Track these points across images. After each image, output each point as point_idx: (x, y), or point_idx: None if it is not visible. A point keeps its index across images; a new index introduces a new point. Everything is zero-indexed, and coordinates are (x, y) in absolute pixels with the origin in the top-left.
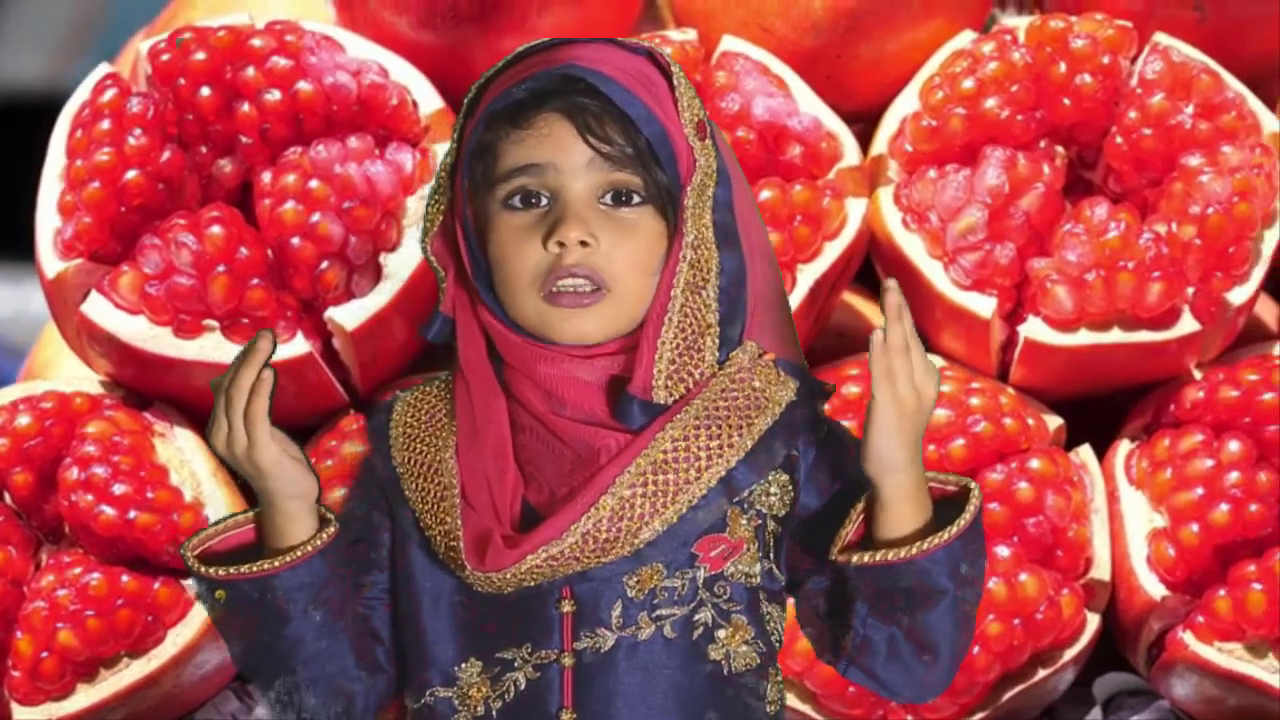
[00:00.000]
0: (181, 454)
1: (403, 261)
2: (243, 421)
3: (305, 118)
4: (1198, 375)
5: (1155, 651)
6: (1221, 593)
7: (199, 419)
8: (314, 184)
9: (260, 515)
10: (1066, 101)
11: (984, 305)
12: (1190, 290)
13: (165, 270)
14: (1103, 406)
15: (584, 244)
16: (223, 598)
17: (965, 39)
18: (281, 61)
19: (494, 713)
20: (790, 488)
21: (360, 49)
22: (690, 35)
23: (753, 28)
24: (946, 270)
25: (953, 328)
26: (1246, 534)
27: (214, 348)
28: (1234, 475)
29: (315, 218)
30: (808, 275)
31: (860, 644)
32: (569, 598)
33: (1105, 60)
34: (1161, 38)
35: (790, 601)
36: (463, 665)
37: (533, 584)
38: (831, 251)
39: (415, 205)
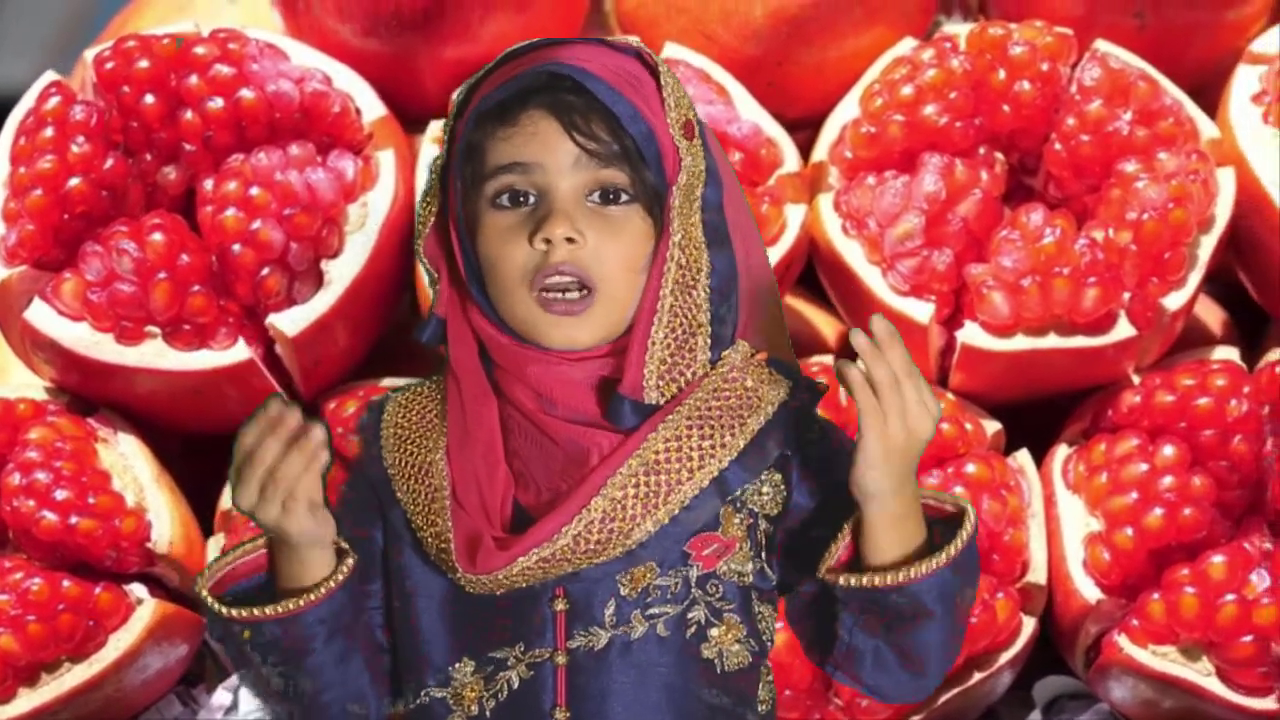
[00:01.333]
0: (124, 460)
1: (344, 268)
2: (281, 500)
3: (248, 125)
4: (1135, 380)
5: (1092, 655)
6: (1155, 596)
7: (142, 424)
8: (255, 191)
9: (274, 552)
10: (1006, 108)
11: (922, 311)
12: (1126, 296)
13: (107, 277)
14: (1043, 411)
15: (570, 240)
16: (248, 637)
17: (906, 46)
18: (224, 69)
19: (488, 712)
20: (783, 487)
21: (304, 57)
22: (633, 42)
23: (695, 35)
24: (885, 276)
25: None
26: (1181, 538)
27: (156, 354)
28: (1168, 479)
29: (256, 225)
30: None
31: (846, 652)
32: (562, 596)
33: (1044, 67)
34: (1102, 44)
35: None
36: (456, 665)
37: (524, 585)
38: (770, 257)
39: (357, 212)
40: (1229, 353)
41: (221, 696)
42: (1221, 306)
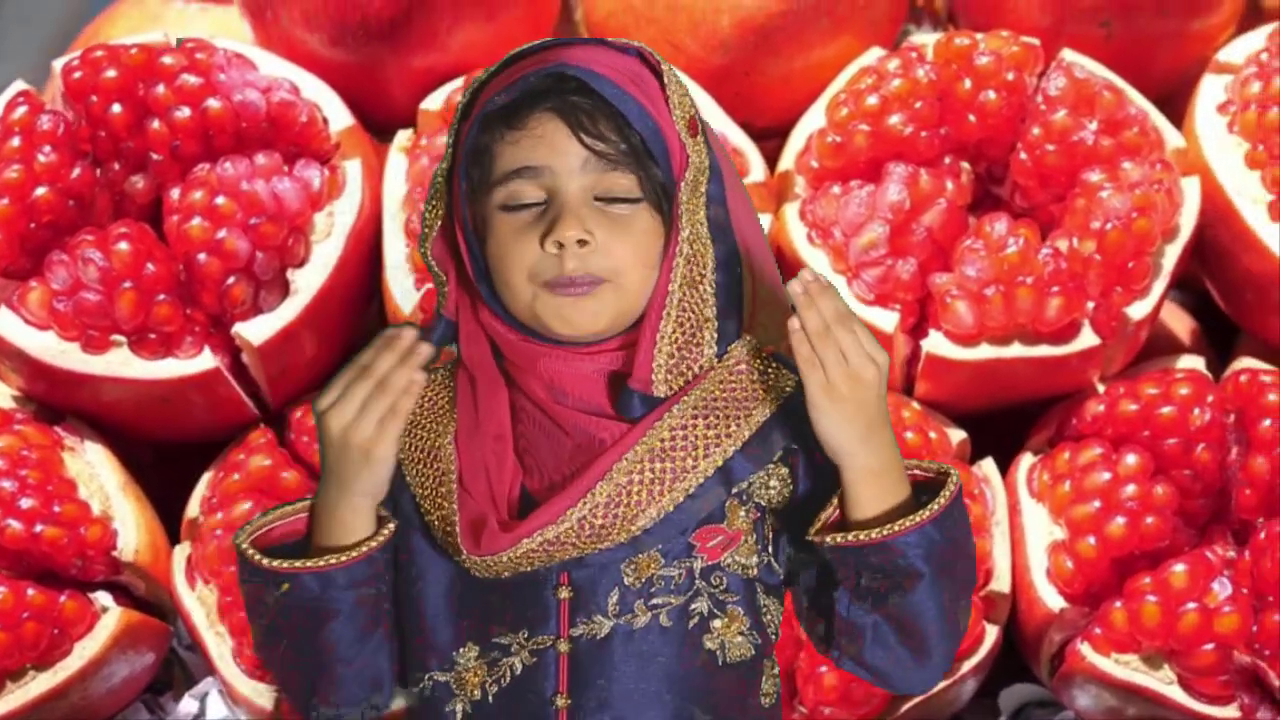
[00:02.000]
0: (91, 468)
1: (310, 277)
2: (380, 413)
3: (215, 134)
4: (1100, 389)
5: (1056, 663)
6: (1117, 604)
7: (110, 433)
8: (220, 200)
9: (318, 507)
10: (972, 118)
11: (887, 320)
12: (1090, 305)
13: (73, 286)
14: (1009, 419)
15: (581, 242)
16: (287, 589)
17: (873, 56)
18: (191, 79)
19: (490, 697)
20: (790, 481)
21: (272, 66)
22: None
23: (663, 45)
24: (850, 285)
25: None
26: (1143, 546)
27: (121, 363)
28: (1130, 488)
29: (222, 234)
30: None
31: (844, 629)
32: (566, 584)
33: (1010, 77)
34: (1068, 54)
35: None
36: (460, 650)
37: (529, 569)
38: None
39: (323, 221)
40: (1194, 361)
41: (188, 705)
42: (1192, 315)
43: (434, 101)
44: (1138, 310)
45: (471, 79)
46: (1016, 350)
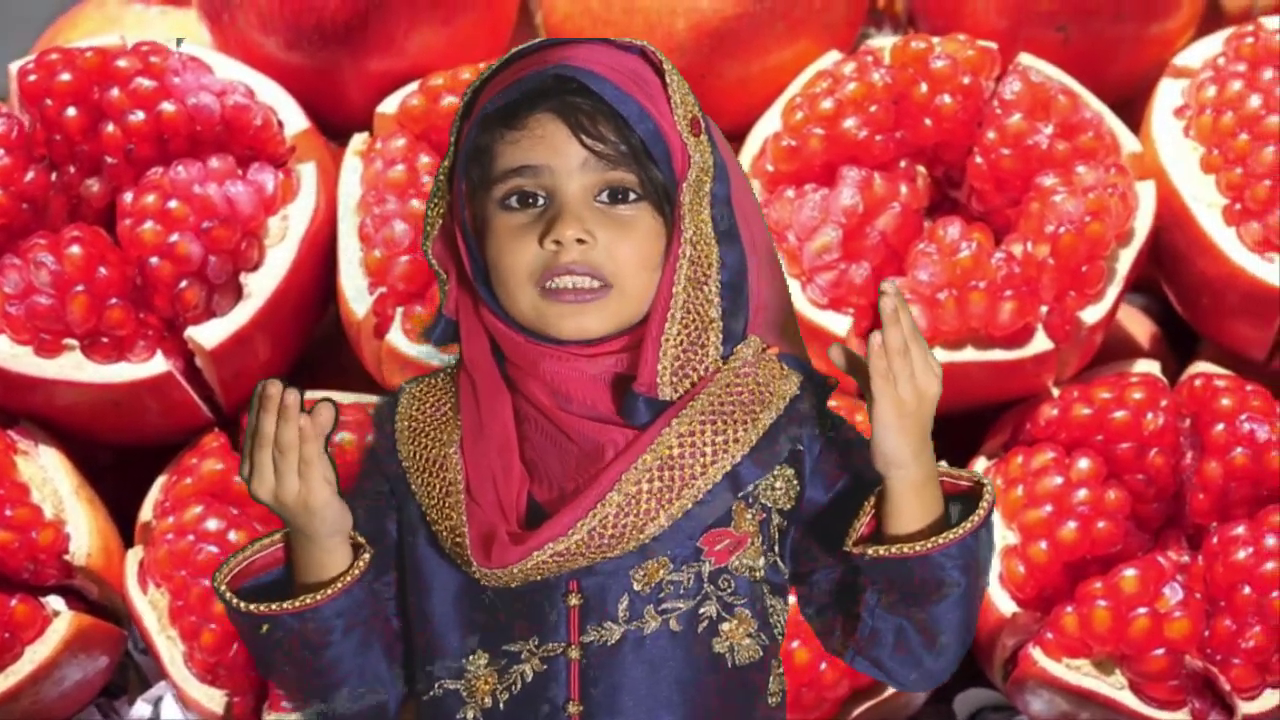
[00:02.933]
0: (44, 472)
1: (264, 281)
2: (295, 470)
3: (169, 138)
4: (1055, 393)
5: (1009, 668)
6: (1069, 609)
7: (63, 436)
8: (173, 204)
9: (293, 545)
10: (928, 122)
11: (840, 324)
12: (1044, 309)
13: (25, 290)
14: (964, 424)
15: (581, 242)
16: (266, 631)
17: (829, 60)
18: (145, 82)
19: (501, 705)
20: (795, 482)
21: (228, 70)
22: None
23: None
24: (804, 289)
25: (810, 346)
26: (1095, 551)
27: (74, 367)
28: (1082, 493)
29: (174, 238)
30: None
31: (869, 635)
32: (576, 591)
33: (966, 81)
34: (1025, 58)
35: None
36: (470, 657)
37: (539, 579)
38: None
39: (277, 225)
40: (1150, 366)
41: (141, 709)
42: (1154, 320)
43: (390, 105)
44: (1091, 314)
45: (476, 74)
46: (970, 355)
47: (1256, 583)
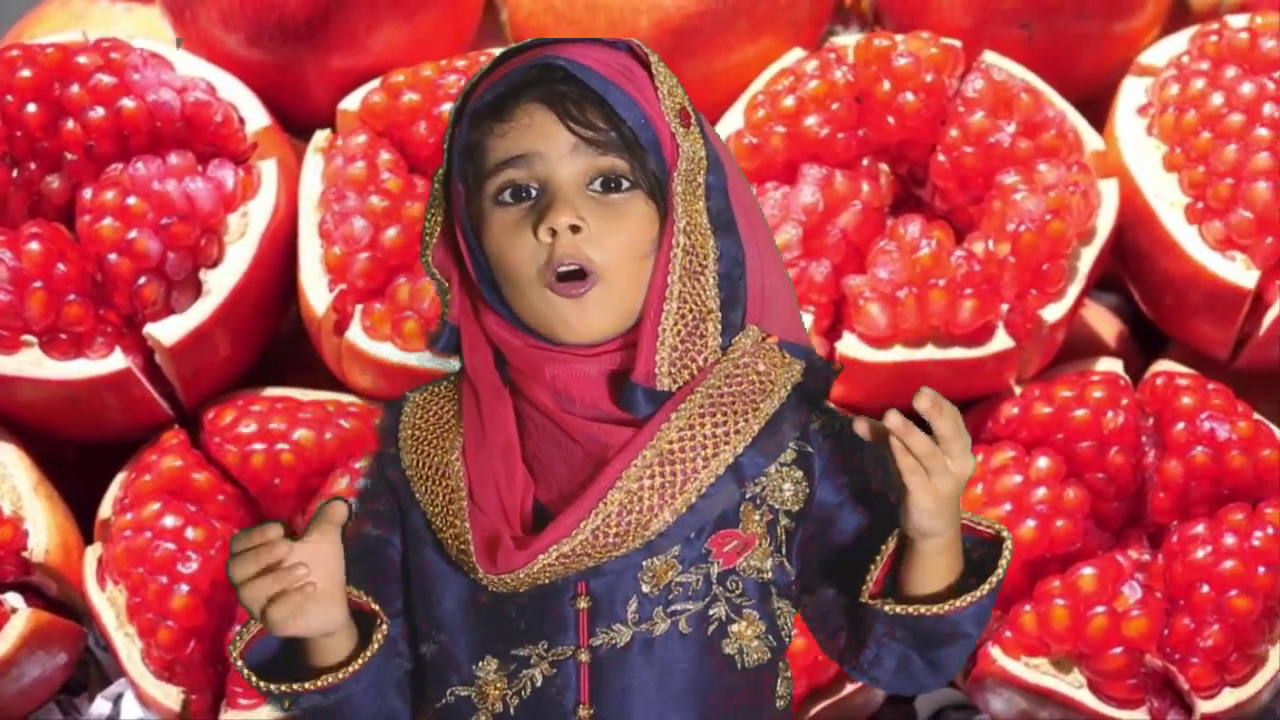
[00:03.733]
0: (3, 468)
1: (223, 277)
2: (290, 611)
3: (130, 134)
4: (1017, 391)
5: (969, 666)
6: (1027, 608)
7: (23, 433)
8: (132, 200)
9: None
10: (890, 120)
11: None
12: (1005, 307)
13: None
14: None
15: (574, 228)
16: (288, 705)
17: (792, 58)
18: (105, 79)
19: (512, 710)
20: (805, 484)
21: (190, 66)
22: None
23: None
24: None
25: None
26: (1054, 549)
27: (32, 363)
28: (1041, 491)
29: (133, 234)
30: None
31: (873, 659)
32: (584, 594)
33: (928, 79)
34: (989, 56)
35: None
36: (480, 664)
37: (546, 582)
38: None
39: (237, 222)
40: (1112, 365)
41: (101, 706)
42: (1124, 319)
43: (352, 102)
44: (1052, 313)
45: (438, 71)
46: (930, 353)
47: (1215, 581)
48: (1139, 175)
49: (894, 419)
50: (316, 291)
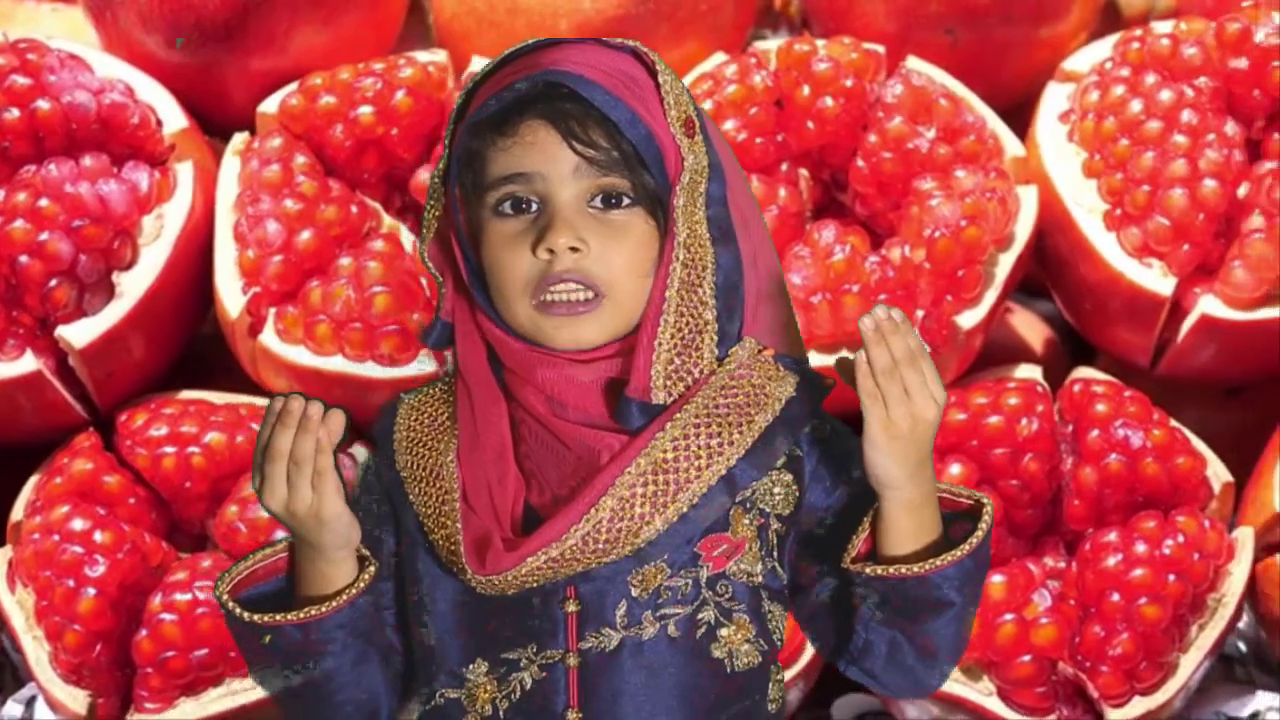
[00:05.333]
0: None
1: (137, 280)
2: (309, 482)
3: (45, 136)
4: None
5: None
6: None
7: None
8: (44, 202)
9: (297, 557)
10: (810, 125)
11: None
12: (920, 313)
13: None
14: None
15: (574, 249)
16: (268, 641)
17: (713, 62)
18: (20, 80)
19: (501, 713)
20: (794, 487)
21: (109, 68)
22: (438, 56)
23: (504, 49)
24: None
25: None
26: None
27: None
28: None
29: (44, 236)
30: None
31: (862, 646)
32: (573, 598)
33: (848, 84)
34: (913, 62)
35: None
36: (470, 666)
37: (535, 585)
38: None
39: (151, 224)
40: (1031, 372)
41: (12, 709)
42: (1053, 327)
43: (270, 104)
44: (969, 319)
45: (355, 74)
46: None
47: (1125, 589)
48: (1059, 181)
49: (866, 321)
50: (231, 294)
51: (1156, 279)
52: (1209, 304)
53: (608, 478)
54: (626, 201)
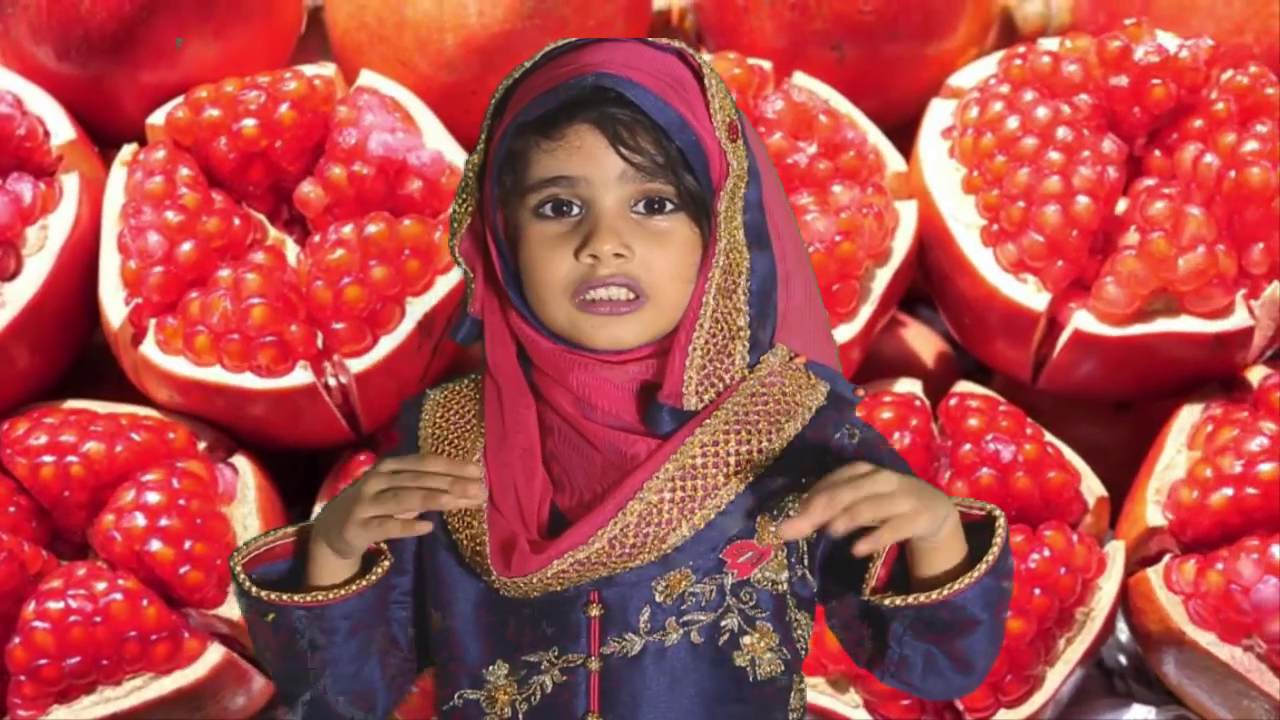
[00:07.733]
0: None
1: (20, 290)
2: (381, 520)
3: None
4: None
5: None
6: None
7: None
8: None
9: (314, 548)
10: None
11: None
12: None
13: None
14: None
15: (618, 256)
16: (272, 620)
17: None
18: None
19: (521, 715)
20: None
21: None
22: (326, 70)
23: (394, 64)
24: None
25: None
26: None
27: None
28: None
29: None
30: (417, 308)
31: (898, 660)
32: (597, 602)
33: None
34: (800, 77)
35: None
36: (490, 668)
37: (559, 588)
38: (443, 285)
39: (36, 234)
40: (910, 385)
41: None
42: (948, 340)
43: (158, 116)
44: (844, 333)
45: (241, 86)
46: None
47: None
48: (938, 197)
49: (800, 523)
50: (114, 305)
51: (1031, 294)
52: (1082, 319)
53: (636, 482)
54: (670, 207)
